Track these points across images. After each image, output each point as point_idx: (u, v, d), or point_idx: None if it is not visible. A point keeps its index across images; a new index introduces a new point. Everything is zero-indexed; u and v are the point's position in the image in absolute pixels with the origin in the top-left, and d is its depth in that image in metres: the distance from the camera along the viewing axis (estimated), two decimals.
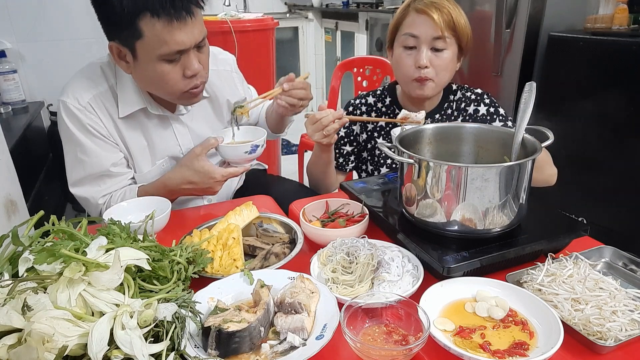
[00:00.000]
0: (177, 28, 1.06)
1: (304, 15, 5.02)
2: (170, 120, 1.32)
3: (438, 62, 1.28)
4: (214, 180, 1.21)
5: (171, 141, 1.34)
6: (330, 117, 1.22)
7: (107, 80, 1.23)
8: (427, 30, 1.26)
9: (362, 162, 1.53)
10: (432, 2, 1.26)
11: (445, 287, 0.81)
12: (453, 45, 1.29)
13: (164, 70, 1.11)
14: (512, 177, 0.84)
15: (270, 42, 2.87)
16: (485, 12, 2.54)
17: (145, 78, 1.16)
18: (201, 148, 1.21)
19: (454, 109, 1.43)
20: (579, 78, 2.22)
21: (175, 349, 0.64)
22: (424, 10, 1.25)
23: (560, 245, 0.94)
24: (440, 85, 1.35)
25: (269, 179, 1.68)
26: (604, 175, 2.17)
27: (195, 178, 1.21)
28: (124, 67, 1.16)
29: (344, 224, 1.02)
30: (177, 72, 1.13)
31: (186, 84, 1.15)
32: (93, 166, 1.23)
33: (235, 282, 0.84)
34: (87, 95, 1.20)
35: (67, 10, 2.59)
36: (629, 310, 0.74)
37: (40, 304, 0.60)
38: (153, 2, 1.02)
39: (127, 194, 1.26)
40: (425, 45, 1.27)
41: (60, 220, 0.77)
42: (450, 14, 1.25)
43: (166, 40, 1.06)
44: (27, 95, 2.62)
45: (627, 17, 2.22)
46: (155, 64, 1.10)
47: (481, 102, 1.41)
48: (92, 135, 1.21)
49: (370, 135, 1.48)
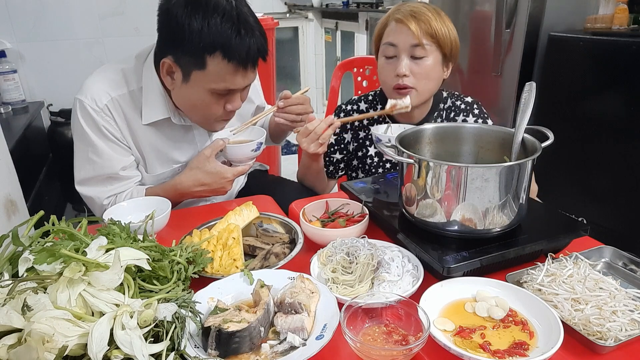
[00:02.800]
0: (240, 73, 1.11)
1: (304, 15, 5.02)
2: (193, 128, 1.33)
3: (418, 70, 1.28)
4: (226, 180, 1.23)
5: (190, 148, 1.35)
6: (323, 125, 1.23)
7: (128, 85, 1.23)
8: (405, 38, 1.26)
9: (352, 169, 1.53)
10: (411, 12, 1.26)
11: (445, 287, 0.81)
12: (434, 53, 1.28)
13: (210, 101, 1.14)
14: (512, 177, 0.84)
15: (270, 42, 2.88)
16: (485, 12, 2.54)
17: (187, 101, 1.18)
18: (210, 150, 1.23)
19: (444, 117, 1.42)
20: (579, 78, 2.22)
21: (175, 349, 0.64)
22: (402, 20, 1.26)
23: (560, 245, 0.94)
24: (423, 94, 1.33)
25: (269, 179, 1.68)
26: (604, 175, 2.17)
27: (207, 179, 1.23)
28: (168, 82, 1.17)
29: (344, 224, 1.02)
30: (220, 105, 1.17)
31: (223, 115, 1.20)
32: (103, 168, 1.23)
33: (235, 282, 0.84)
34: (105, 97, 1.20)
35: (67, 10, 2.58)
36: (629, 310, 0.74)
37: (40, 304, 0.60)
38: (230, 45, 1.05)
39: (134, 194, 1.27)
40: (405, 53, 1.27)
41: (60, 220, 0.77)
42: (429, 22, 1.25)
43: (225, 80, 1.10)
44: (27, 95, 2.62)
45: (627, 17, 2.22)
46: (204, 93, 1.13)
47: (470, 112, 1.40)
48: (106, 137, 1.22)
49: (362, 144, 1.48)
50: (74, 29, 2.63)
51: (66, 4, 2.58)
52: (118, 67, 1.25)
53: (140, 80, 1.22)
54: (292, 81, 5.36)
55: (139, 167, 1.31)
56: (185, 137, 1.33)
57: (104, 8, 2.64)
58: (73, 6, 2.58)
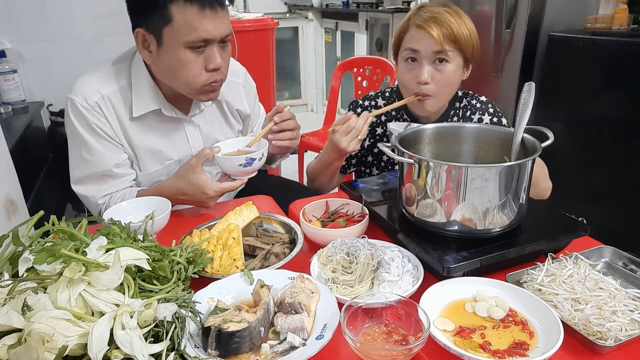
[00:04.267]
0: (207, 17, 1.08)
1: (304, 15, 5.02)
2: (183, 122, 1.32)
3: (440, 77, 1.26)
4: (206, 196, 1.18)
5: (182, 143, 1.34)
6: (361, 121, 1.21)
7: (119, 81, 1.23)
8: (427, 45, 1.23)
9: (367, 166, 1.53)
10: (432, 17, 1.23)
11: (445, 287, 0.81)
12: (457, 58, 1.26)
13: (187, 59, 1.12)
14: (512, 177, 0.84)
15: (270, 42, 2.88)
16: (485, 12, 2.54)
17: (166, 67, 1.16)
18: (196, 159, 1.19)
19: (460, 116, 1.42)
20: (578, 78, 2.22)
21: (175, 349, 0.64)
22: (423, 26, 1.23)
23: (560, 245, 0.94)
24: (441, 101, 1.32)
25: (269, 179, 1.68)
26: (604, 175, 2.17)
27: (189, 190, 1.19)
28: (146, 56, 1.17)
29: (344, 224, 1.02)
30: (199, 63, 1.14)
31: (207, 77, 1.16)
32: (96, 165, 1.24)
33: (235, 282, 0.84)
34: (95, 94, 1.20)
35: (67, 10, 2.58)
36: (629, 310, 0.74)
37: (40, 304, 0.60)
38: None
39: (127, 196, 1.26)
40: (427, 60, 1.24)
41: (60, 220, 0.77)
42: (450, 27, 1.22)
43: (195, 27, 1.08)
44: (27, 95, 2.62)
45: (627, 17, 2.22)
46: (179, 51, 1.11)
47: (485, 111, 1.40)
48: (97, 135, 1.22)
49: (379, 140, 1.47)
50: (74, 29, 2.63)
51: (66, 4, 2.58)
52: (109, 63, 1.25)
53: (130, 76, 1.23)
54: (292, 81, 5.36)
55: (133, 166, 1.31)
56: (176, 131, 1.32)
57: (104, 8, 2.64)
58: (73, 6, 2.59)
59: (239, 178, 1.22)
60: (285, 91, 5.40)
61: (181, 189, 1.20)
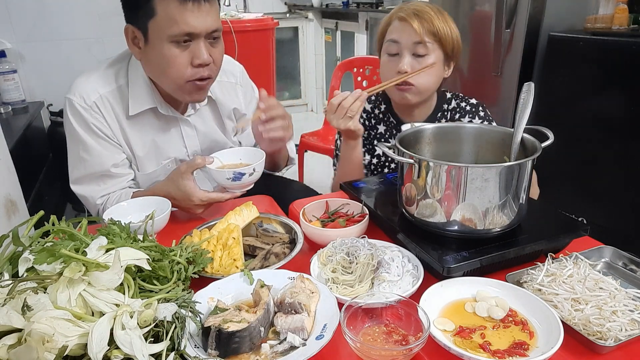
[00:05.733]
0: (189, 10, 1.07)
1: (304, 15, 5.02)
2: (179, 121, 1.32)
3: (419, 67, 1.29)
4: (192, 203, 1.15)
5: (178, 142, 1.34)
6: (350, 98, 1.21)
7: (117, 80, 1.23)
8: (407, 36, 1.27)
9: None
10: (415, 11, 1.27)
11: (445, 287, 0.81)
12: (436, 51, 1.29)
13: (172, 54, 1.11)
14: (512, 177, 0.84)
15: (270, 42, 2.88)
16: (485, 12, 2.54)
17: (153, 63, 1.16)
18: (187, 166, 1.16)
19: (448, 119, 1.42)
20: (578, 78, 2.22)
21: (175, 349, 0.64)
22: (405, 18, 1.27)
23: (560, 245, 0.94)
24: (423, 92, 1.33)
25: (269, 179, 1.68)
26: (604, 175, 2.17)
27: (177, 195, 1.16)
28: (136, 52, 1.17)
29: (344, 224, 1.02)
30: (184, 58, 1.13)
31: (192, 73, 1.14)
32: (94, 165, 1.24)
33: (235, 282, 0.84)
34: (94, 94, 1.20)
35: (67, 10, 2.59)
36: (629, 310, 0.74)
37: (40, 304, 0.60)
38: None
39: (123, 197, 1.26)
40: (407, 50, 1.28)
41: (60, 220, 0.77)
42: (431, 20, 1.26)
43: (177, 20, 1.07)
44: (27, 95, 2.62)
45: (627, 17, 2.22)
46: (164, 46, 1.10)
47: (476, 114, 1.41)
48: (96, 134, 1.22)
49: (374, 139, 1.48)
50: (74, 29, 2.63)
51: (66, 4, 2.58)
52: (107, 63, 1.26)
53: (127, 75, 1.23)
54: (292, 81, 5.36)
55: (132, 166, 1.31)
56: (172, 130, 1.32)
57: (104, 8, 2.64)
58: (73, 6, 2.59)
59: (232, 191, 1.18)
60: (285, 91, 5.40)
61: (170, 193, 1.18)
